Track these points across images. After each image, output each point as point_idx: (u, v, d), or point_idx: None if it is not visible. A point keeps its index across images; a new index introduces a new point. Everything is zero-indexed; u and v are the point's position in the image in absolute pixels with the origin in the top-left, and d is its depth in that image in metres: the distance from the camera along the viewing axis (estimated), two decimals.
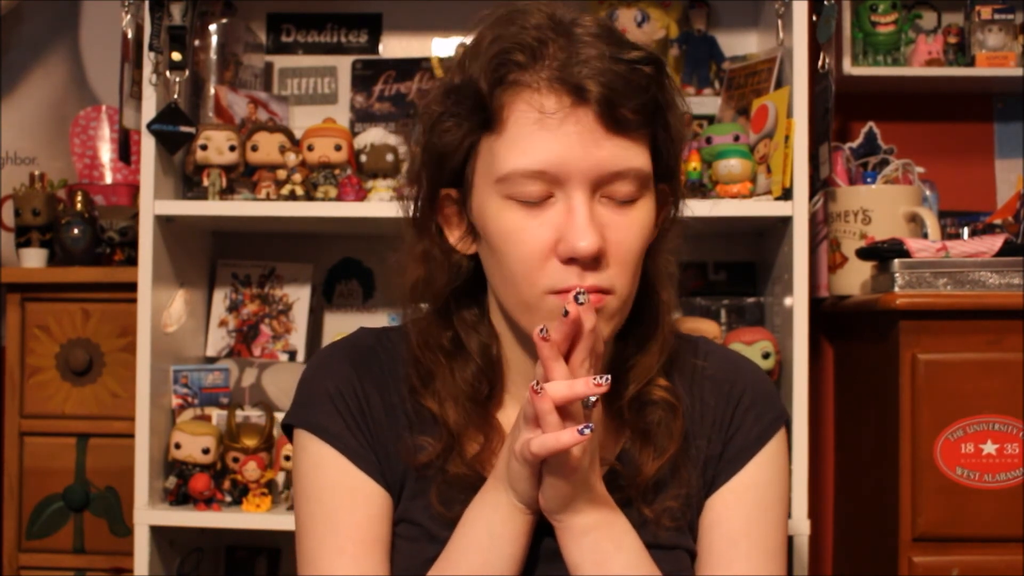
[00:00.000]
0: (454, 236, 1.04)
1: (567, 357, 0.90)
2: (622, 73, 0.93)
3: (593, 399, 0.89)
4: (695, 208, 1.12)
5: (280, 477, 1.83)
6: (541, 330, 0.89)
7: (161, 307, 1.85)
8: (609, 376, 0.89)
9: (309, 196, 1.85)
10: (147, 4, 1.80)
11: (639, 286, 1.03)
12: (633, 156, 0.95)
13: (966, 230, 1.95)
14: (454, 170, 1.00)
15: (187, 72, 1.84)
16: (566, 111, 0.93)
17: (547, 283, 0.94)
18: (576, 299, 0.88)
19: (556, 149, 0.93)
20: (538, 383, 0.89)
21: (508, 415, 1.05)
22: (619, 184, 0.95)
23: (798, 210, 1.74)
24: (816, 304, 2.03)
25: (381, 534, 1.03)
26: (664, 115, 0.98)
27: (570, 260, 0.93)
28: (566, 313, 0.87)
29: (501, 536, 0.96)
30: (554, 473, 0.93)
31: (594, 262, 0.93)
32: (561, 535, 0.97)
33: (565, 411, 0.89)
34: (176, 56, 1.82)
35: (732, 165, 1.79)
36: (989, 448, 1.63)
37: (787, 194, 1.74)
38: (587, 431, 0.88)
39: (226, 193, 1.86)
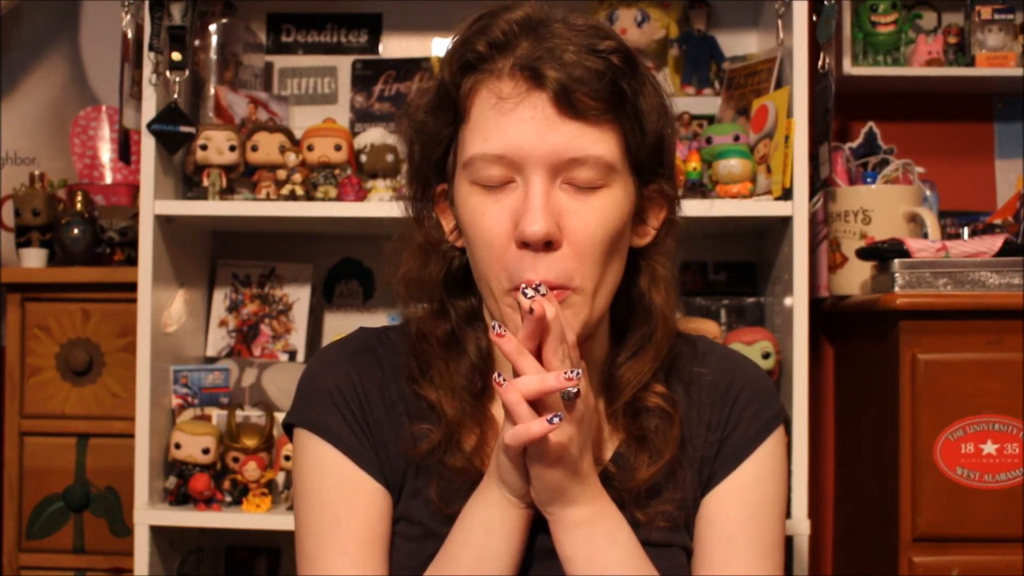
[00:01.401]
0: (447, 228, 1.05)
1: (541, 350, 0.90)
2: (582, 60, 0.93)
3: (573, 390, 0.89)
4: (695, 208, 1.12)
5: (280, 477, 1.83)
6: (494, 326, 0.89)
7: (161, 307, 1.85)
8: (579, 370, 0.89)
9: (309, 196, 1.85)
10: (147, 4, 1.80)
11: (631, 290, 1.03)
12: (593, 143, 0.95)
13: (966, 230, 1.95)
14: (438, 163, 1.03)
15: (187, 72, 1.84)
16: (522, 96, 0.94)
17: (507, 277, 0.95)
18: (524, 293, 0.88)
19: (513, 133, 0.94)
20: (500, 375, 0.89)
21: (501, 407, 1.05)
22: (579, 171, 0.95)
23: (798, 210, 1.74)
24: (816, 304, 2.03)
25: (381, 533, 1.03)
26: (633, 105, 0.98)
27: (524, 245, 0.94)
28: (531, 311, 0.87)
29: (497, 532, 0.97)
30: (537, 464, 0.93)
31: (547, 247, 0.94)
32: (554, 528, 0.97)
33: (543, 403, 0.90)
34: (176, 56, 1.82)
35: (732, 165, 1.79)
36: (989, 448, 1.63)
37: (787, 194, 1.74)
38: (556, 420, 0.88)
39: (226, 193, 1.86)
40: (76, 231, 2.02)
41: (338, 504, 1.02)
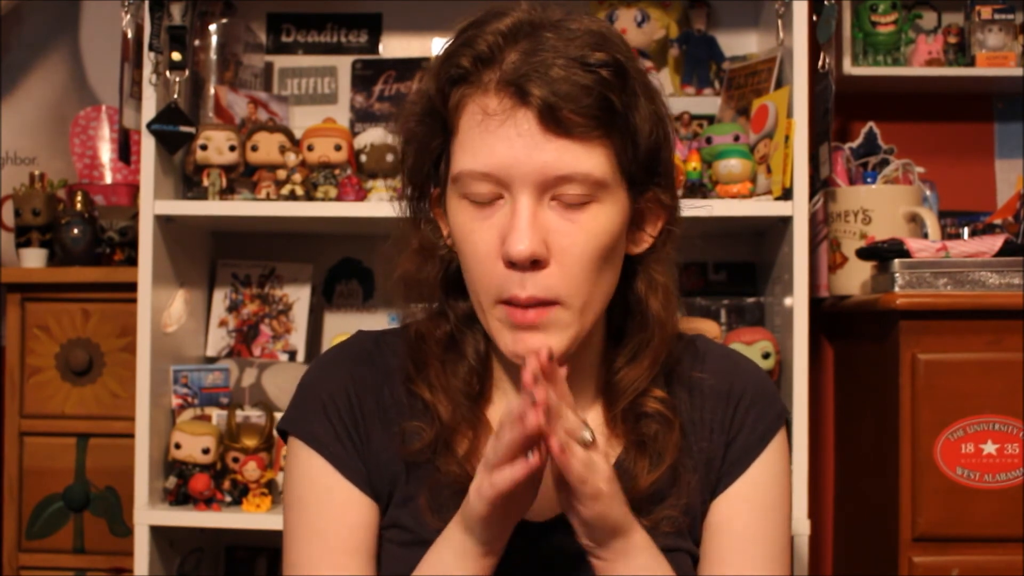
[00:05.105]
0: (444, 232, 1.05)
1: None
2: (569, 75, 0.91)
3: (589, 437, 0.89)
4: (694, 209, 1.11)
5: (280, 477, 1.83)
6: (528, 455, 0.87)
7: (161, 307, 1.85)
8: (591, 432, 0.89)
9: (309, 196, 1.85)
10: (147, 4, 1.80)
11: (628, 295, 1.03)
12: (581, 160, 0.93)
13: (966, 230, 1.96)
14: (432, 169, 1.02)
15: (187, 72, 1.84)
16: (507, 112, 0.92)
17: (495, 291, 0.95)
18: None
19: (499, 151, 0.93)
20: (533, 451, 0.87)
21: (497, 411, 1.05)
22: (567, 188, 0.93)
23: (798, 210, 1.74)
24: (816, 304, 2.03)
25: (366, 543, 1.04)
26: (626, 120, 0.95)
27: (511, 264, 0.93)
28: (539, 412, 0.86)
29: None
30: (587, 501, 0.90)
31: (533, 266, 0.93)
32: (612, 566, 0.95)
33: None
34: (176, 56, 1.82)
35: (732, 165, 1.79)
36: (989, 448, 1.63)
37: (787, 194, 1.74)
38: (530, 456, 0.86)
39: (226, 193, 1.86)
40: (76, 231, 2.03)
41: (322, 513, 1.03)
